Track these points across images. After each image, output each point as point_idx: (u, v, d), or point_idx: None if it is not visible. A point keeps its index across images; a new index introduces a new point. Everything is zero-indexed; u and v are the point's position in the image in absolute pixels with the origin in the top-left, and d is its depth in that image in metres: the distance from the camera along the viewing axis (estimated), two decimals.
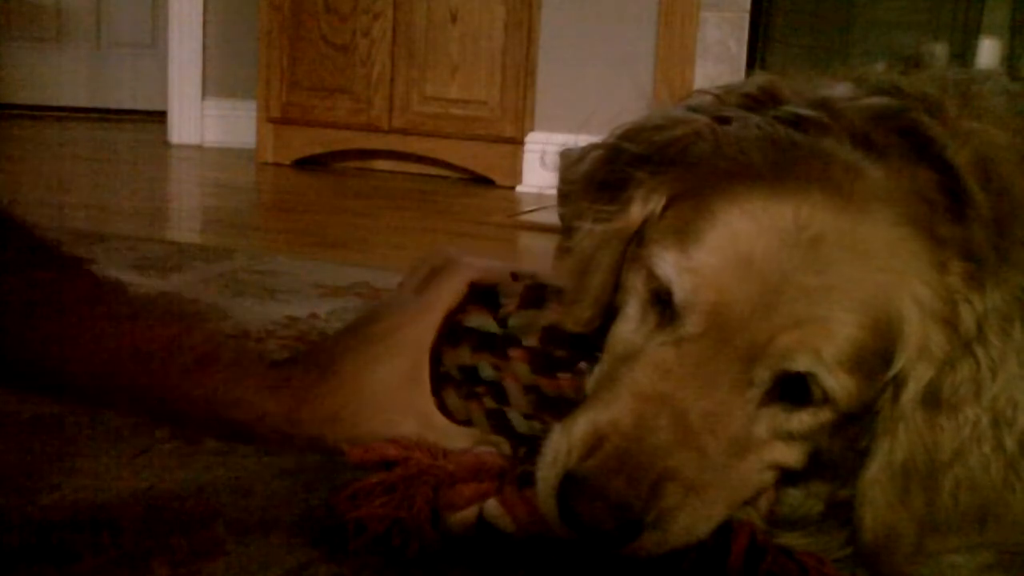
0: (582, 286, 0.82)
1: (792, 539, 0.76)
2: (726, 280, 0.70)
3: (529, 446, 0.82)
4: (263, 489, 0.88)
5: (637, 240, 0.79)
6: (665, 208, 0.77)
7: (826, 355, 0.69)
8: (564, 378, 0.85)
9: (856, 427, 0.74)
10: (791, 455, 0.74)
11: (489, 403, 0.86)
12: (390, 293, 0.86)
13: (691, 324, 0.71)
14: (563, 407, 0.85)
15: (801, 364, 0.69)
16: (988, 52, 3.10)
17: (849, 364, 0.69)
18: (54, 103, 5.01)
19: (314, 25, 3.63)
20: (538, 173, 3.28)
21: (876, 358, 0.70)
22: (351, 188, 3.30)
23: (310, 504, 0.85)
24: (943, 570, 0.75)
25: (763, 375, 0.70)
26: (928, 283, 0.70)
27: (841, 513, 0.77)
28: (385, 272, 1.86)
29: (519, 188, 3.38)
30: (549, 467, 0.71)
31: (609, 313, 0.81)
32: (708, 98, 0.84)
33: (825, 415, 0.72)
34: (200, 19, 4.18)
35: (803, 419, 0.72)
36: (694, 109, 0.82)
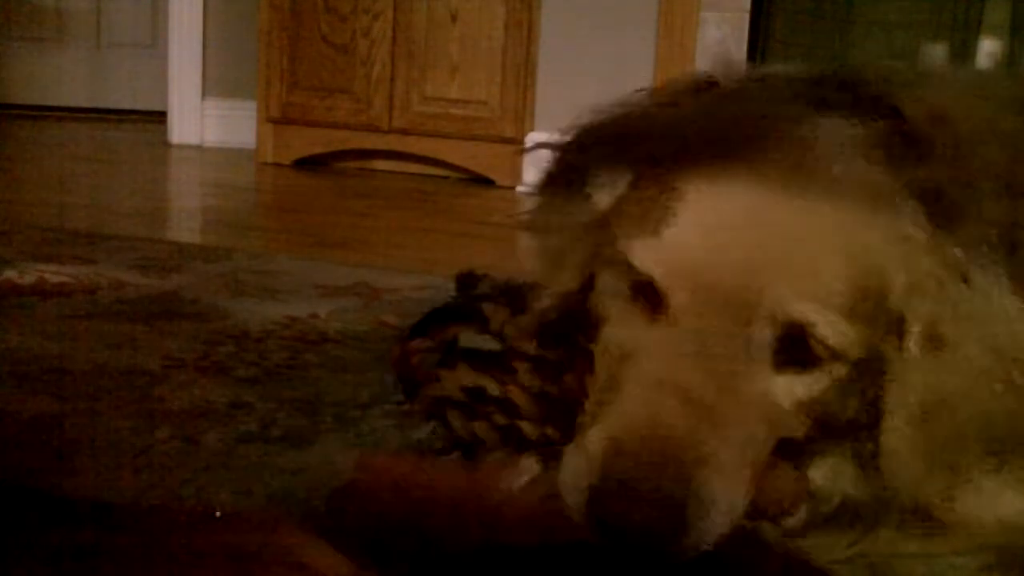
0: (555, 278, 0.83)
1: (800, 540, 0.75)
2: (704, 251, 0.70)
3: (545, 452, 0.82)
4: (263, 489, 0.88)
5: (605, 238, 0.78)
6: (627, 200, 0.77)
7: (819, 301, 0.68)
8: (568, 379, 0.85)
9: (869, 381, 0.73)
10: (800, 424, 0.73)
11: (500, 419, 0.85)
12: None
13: (679, 303, 0.70)
14: (571, 408, 0.85)
15: (796, 311, 0.68)
16: (988, 52, 3.10)
17: (844, 309, 0.68)
18: (54, 103, 5.00)
19: (314, 25, 3.63)
20: (538, 173, 3.28)
21: (870, 302, 0.70)
22: (351, 188, 3.30)
23: (310, 504, 0.85)
24: (943, 570, 0.75)
25: (763, 333, 0.69)
26: (902, 220, 0.70)
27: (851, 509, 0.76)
28: (385, 272, 1.86)
29: (519, 188, 3.38)
30: (573, 488, 0.69)
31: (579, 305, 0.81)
32: (665, 89, 0.86)
33: (837, 370, 0.71)
34: (200, 19, 4.17)
35: (817, 378, 0.71)
36: (647, 97, 0.84)
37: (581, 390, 0.84)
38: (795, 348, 0.70)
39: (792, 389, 0.71)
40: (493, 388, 0.86)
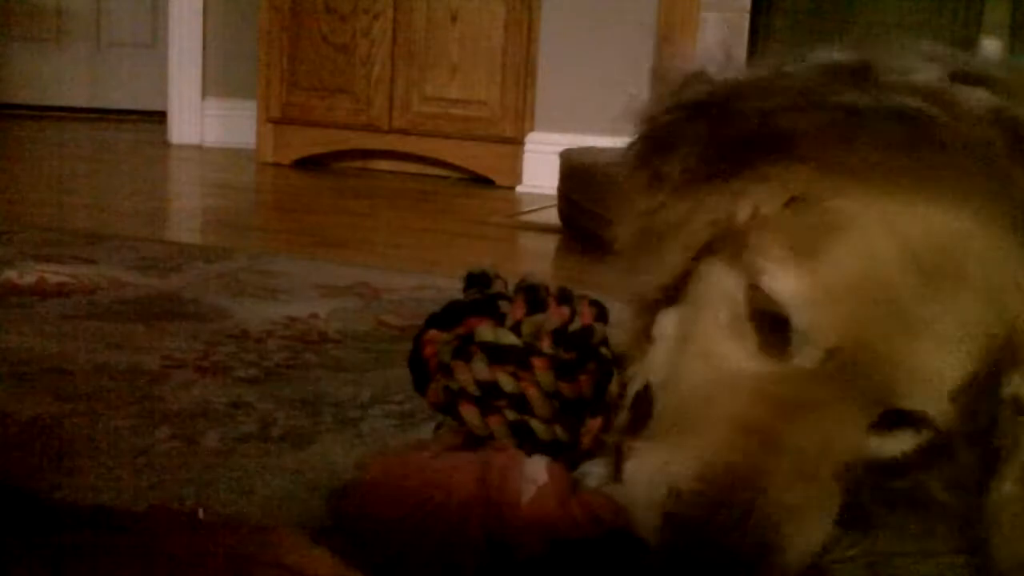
0: (649, 261, 0.76)
1: None
2: (856, 317, 0.64)
3: (552, 453, 0.82)
4: (263, 489, 0.88)
5: (735, 231, 0.71)
6: (774, 211, 0.69)
7: (942, 392, 0.66)
8: (583, 380, 0.85)
9: (964, 441, 0.71)
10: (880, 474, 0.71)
11: (511, 415, 0.85)
12: None
13: (809, 360, 0.66)
14: (582, 409, 0.85)
15: (916, 404, 0.66)
16: (988, 52, 3.09)
17: (958, 395, 0.66)
18: (54, 103, 5.01)
19: (314, 25, 3.63)
20: (538, 173, 3.28)
21: (987, 381, 0.68)
22: (351, 188, 3.30)
23: (310, 504, 0.85)
24: (944, 570, 0.75)
25: (876, 410, 0.67)
26: None
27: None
28: (385, 272, 1.86)
29: (519, 188, 3.38)
30: (649, 505, 0.66)
31: (666, 297, 0.76)
32: (805, 70, 0.76)
33: (924, 436, 0.69)
34: (200, 19, 4.18)
35: (903, 440, 0.69)
36: (798, 82, 0.74)
37: (591, 392, 0.84)
38: (896, 417, 0.68)
39: (880, 447, 0.69)
40: (508, 383, 0.86)
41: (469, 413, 0.86)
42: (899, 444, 0.70)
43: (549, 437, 0.85)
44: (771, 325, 0.67)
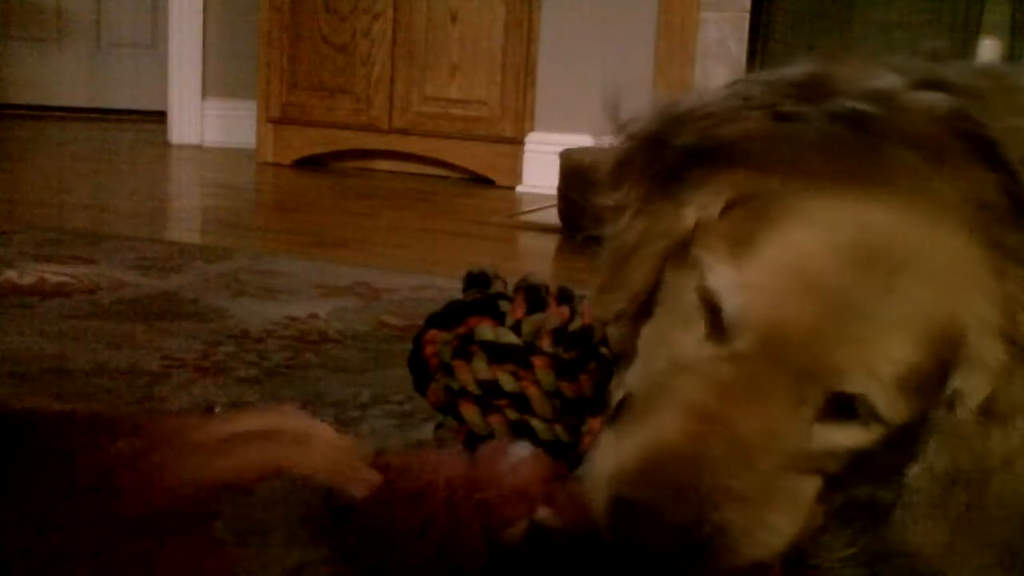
0: (619, 278, 0.80)
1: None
2: (782, 299, 0.68)
3: (552, 453, 0.82)
4: (263, 489, 0.88)
5: (686, 240, 0.76)
6: (717, 213, 0.74)
7: (882, 378, 0.67)
8: (583, 380, 0.85)
9: (909, 438, 0.72)
10: (835, 464, 0.72)
11: (512, 414, 0.85)
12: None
13: (743, 342, 0.69)
14: (583, 409, 0.85)
15: (856, 386, 0.67)
16: (988, 52, 3.09)
17: (904, 385, 0.68)
18: (54, 103, 5.01)
19: (314, 25, 3.63)
20: (538, 173, 3.28)
21: (933, 376, 0.69)
22: (351, 188, 3.30)
23: (310, 504, 0.85)
24: (943, 570, 0.75)
25: (816, 394, 0.68)
26: (988, 295, 0.69)
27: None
28: (385, 272, 1.86)
29: (519, 188, 3.38)
30: (599, 486, 0.69)
31: (644, 306, 0.79)
32: (756, 86, 0.80)
33: (875, 431, 0.70)
34: (200, 19, 4.18)
35: (854, 434, 0.70)
36: (743, 98, 0.79)
37: (592, 391, 0.84)
38: (841, 405, 0.69)
39: (830, 439, 0.70)
40: (508, 383, 0.86)
41: (470, 412, 0.86)
42: (849, 437, 0.70)
43: (550, 436, 0.85)
44: (714, 315, 0.71)
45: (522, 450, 0.78)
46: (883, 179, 0.70)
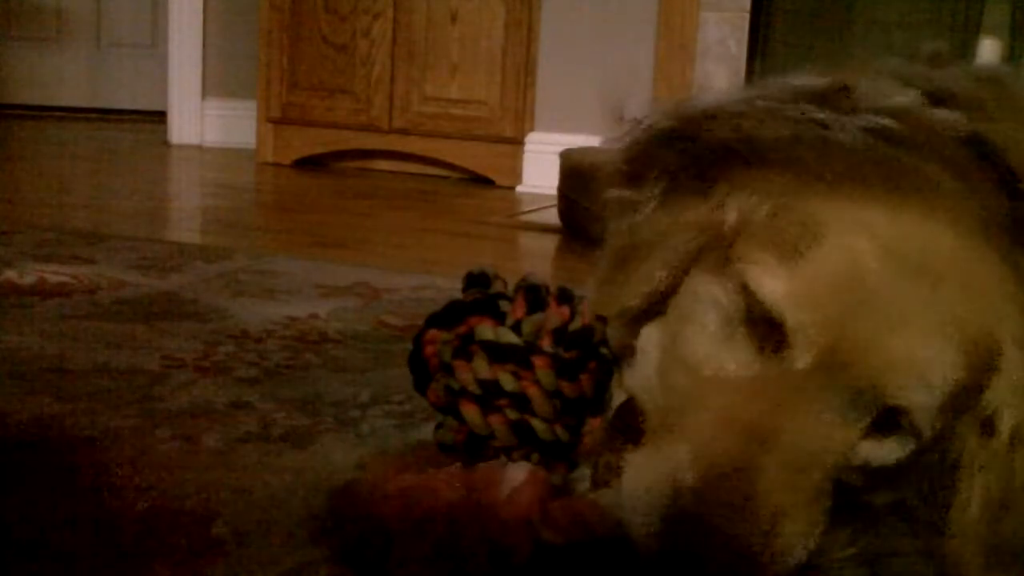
0: (632, 272, 0.78)
1: None
2: (845, 315, 0.66)
3: (552, 453, 0.82)
4: (263, 489, 0.88)
5: (719, 242, 0.74)
6: (760, 217, 0.72)
7: (936, 392, 0.67)
8: (584, 380, 0.85)
9: (941, 462, 0.73)
10: (862, 478, 0.72)
11: (512, 414, 0.85)
12: None
13: (801, 358, 0.67)
14: (583, 409, 0.85)
15: (907, 396, 0.67)
16: (988, 52, 3.09)
17: (944, 399, 0.68)
18: (54, 103, 5.01)
19: (314, 25, 3.63)
20: (538, 173, 3.28)
21: (969, 393, 0.69)
22: (351, 188, 3.30)
23: (310, 504, 0.85)
24: (943, 569, 0.75)
25: (869, 410, 0.68)
26: (1021, 316, 0.69)
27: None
28: (385, 272, 1.86)
29: (519, 188, 3.38)
30: (648, 505, 0.67)
31: (651, 306, 0.78)
32: (778, 93, 0.79)
33: (909, 445, 0.70)
34: (200, 19, 4.18)
35: (891, 448, 0.70)
36: (771, 101, 0.77)
37: (592, 391, 0.84)
38: (884, 421, 0.69)
39: (871, 454, 0.70)
40: (509, 382, 0.85)
41: (470, 412, 0.86)
42: (889, 452, 0.70)
43: (550, 436, 0.84)
44: (763, 328, 0.69)
45: (519, 472, 0.77)
46: (918, 195, 0.69)
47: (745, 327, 0.70)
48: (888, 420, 0.69)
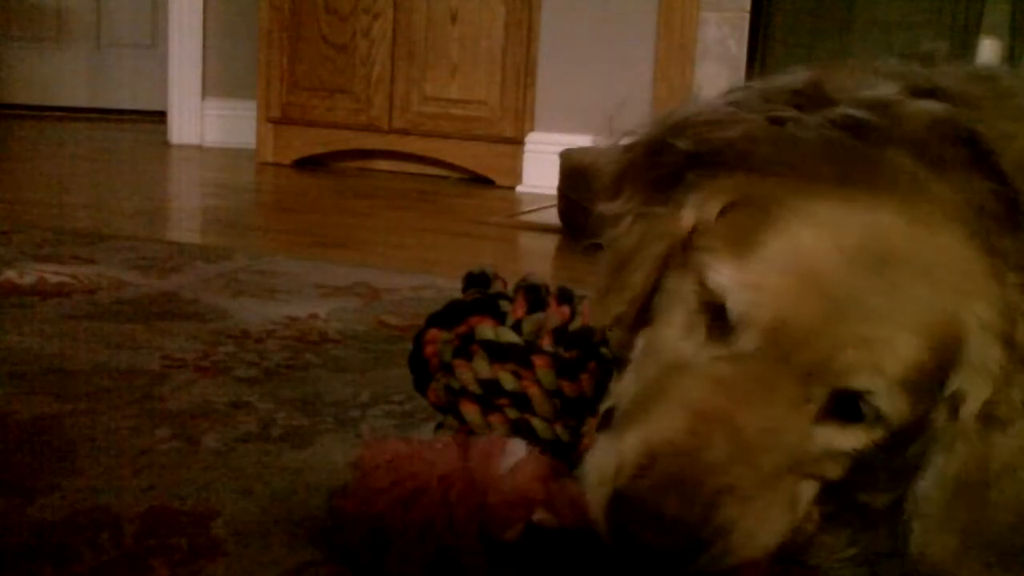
0: (619, 281, 0.80)
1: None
2: (787, 297, 0.68)
3: (552, 452, 0.82)
4: (263, 489, 0.88)
5: (683, 243, 0.76)
6: (719, 214, 0.74)
7: (886, 376, 0.67)
8: (584, 379, 0.85)
9: (904, 440, 0.72)
10: (836, 469, 0.73)
11: (512, 413, 0.85)
12: None
13: (748, 340, 0.69)
14: (583, 408, 0.85)
15: (860, 384, 0.68)
16: (988, 52, 3.10)
17: (907, 384, 0.68)
18: (54, 103, 5.01)
19: (314, 25, 3.63)
20: (538, 173, 3.28)
21: (933, 376, 0.69)
22: (351, 188, 3.30)
23: (310, 504, 0.85)
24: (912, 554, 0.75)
25: (820, 393, 0.69)
26: (988, 300, 0.69)
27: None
28: (385, 272, 1.86)
29: (519, 188, 3.38)
30: (598, 484, 0.69)
31: (642, 313, 0.79)
32: (753, 94, 0.81)
33: (877, 432, 0.71)
34: (200, 19, 4.18)
35: (857, 436, 0.71)
36: (739, 105, 0.79)
37: (592, 391, 0.84)
38: (845, 405, 0.69)
39: (831, 440, 0.71)
40: (509, 382, 0.85)
41: (470, 411, 0.86)
42: (851, 438, 0.71)
43: (550, 436, 0.85)
44: (715, 315, 0.71)
45: (519, 448, 0.78)
46: (884, 183, 0.70)
47: (701, 317, 0.73)
48: (848, 405, 0.69)
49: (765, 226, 0.70)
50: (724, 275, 0.71)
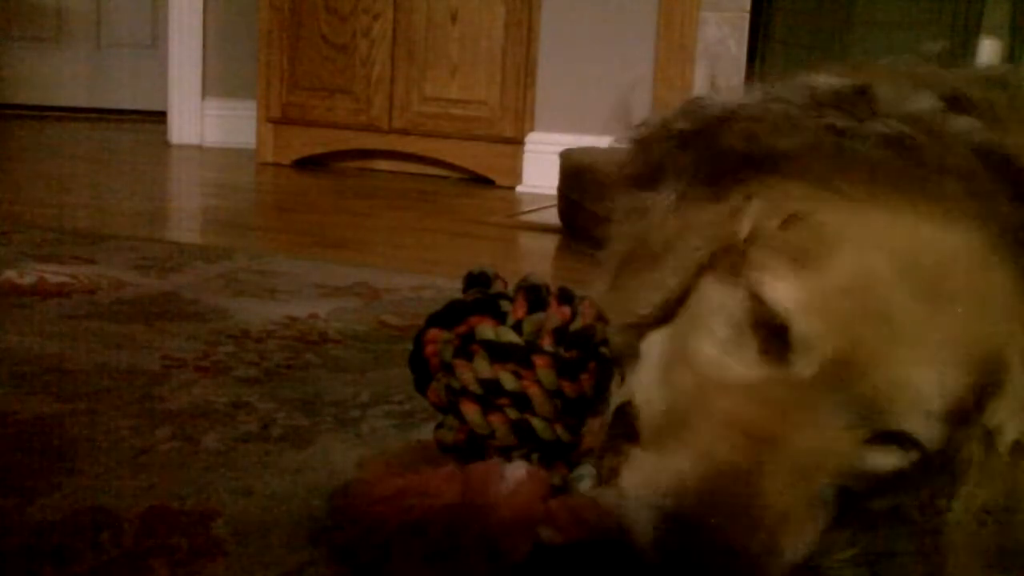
0: (643, 281, 0.78)
1: None
2: (853, 328, 0.66)
3: (552, 453, 0.82)
4: (263, 489, 0.88)
5: (730, 248, 0.74)
6: (771, 224, 0.72)
7: (934, 410, 0.67)
8: (584, 379, 0.85)
9: (942, 471, 0.72)
10: (862, 483, 0.72)
11: (512, 414, 0.85)
12: None
13: (807, 366, 0.68)
14: (583, 408, 0.85)
15: (910, 426, 0.67)
16: (988, 52, 3.10)
17: (947, 416, 0.68)
18: (54, 103, 5.01)
19: (314, 25, 3.64)
20: (538, 173, 3.28)
21: (971, 407, 0.69)
22: (351, 188, 3.30)
23: (310, 504, 0.85)
24: (944, 569, 0.75)
25: (874, 423, 0.68)
26: None
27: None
28: (385, 272, 1.86)
29: (519, 188, 3.38)
30: (645, 505, 0.67)
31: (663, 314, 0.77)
32: (798, 93, 0.79)
33: (913, 455, 0.70)
34: (200, 19, 4.18)
35: (894, 457, 0.70)
36: (788, 104, 0.77)
37: (592, 391, 0.84)
38: (888, 434, 0.69)
39: (870, 461, 0.70)
40: (509, 382, 0.85)
41: (470, 411, 0.86)
42: (889, 460, 0.70)
43: (550, 436, 0.84)
44: (771, 334, 0.69)
45: (517, 470, 0.77)
46: (941, 214, 0.69)
47: (753, 333, 0.70)
48: (891, 432, 0.69)
49: (827, 247, 0.68)
50: (786, 295, 0.68)
